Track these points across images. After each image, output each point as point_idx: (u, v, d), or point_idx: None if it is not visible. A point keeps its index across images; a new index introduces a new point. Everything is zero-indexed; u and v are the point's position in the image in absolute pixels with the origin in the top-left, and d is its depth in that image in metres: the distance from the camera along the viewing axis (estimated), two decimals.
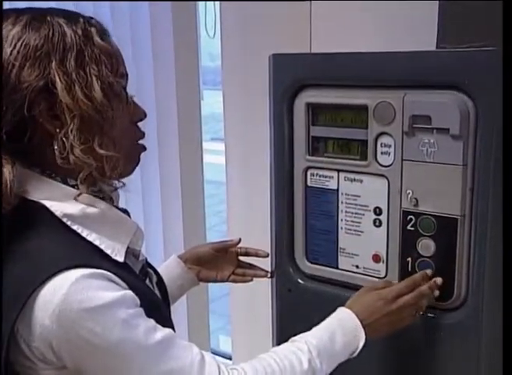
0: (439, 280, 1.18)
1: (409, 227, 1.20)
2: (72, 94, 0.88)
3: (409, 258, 1.21)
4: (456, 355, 1.20)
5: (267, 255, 1.41)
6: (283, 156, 1.35)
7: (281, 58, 1.32)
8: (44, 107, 0.88)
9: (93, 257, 0.90)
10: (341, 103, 1.25)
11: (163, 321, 0.94)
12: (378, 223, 1.24)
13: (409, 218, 1.20)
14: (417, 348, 1.23)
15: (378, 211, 1.24)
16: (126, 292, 0.89)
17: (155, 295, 1.06)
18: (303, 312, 1.37)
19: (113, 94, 0.92)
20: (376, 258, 1.26)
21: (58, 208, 0.90)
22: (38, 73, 0.87)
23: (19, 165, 0.90)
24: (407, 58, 1.16)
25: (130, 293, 0.89)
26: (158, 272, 1.17)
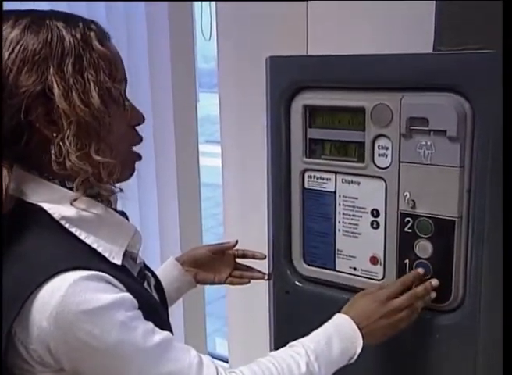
0: (435, 282, 1.18)
1: (406, 229, 1.20)
2: (69, 100, 0.87)
3: (406, 260, 1.21)
4: (453, 357, 1.20)
5: (264, 257, 1.41)
6: (280, 158, 1.34)
7: (278, 61, 1.32)
8: (41, 112, 0.88)
9: (91, 259, 0.90)
10: (338, 105, 1.25)
11: (161, 324, 0.94)
12: (375, 225, 1.24)
13: (406, 220, 1.20)
14: (414, 349, 1.23)
15: (375, 213, 1.24)
16: (125, 294, 0.88)
17: (153, 298, 1.06)
18: (300, 314, 1.37)
19: (111, 100, 0.92)
20: (374, 260, 1.26)
21: (56, 211, 0.90)
22: (36, 78, 0.87)
23: (17, 167, 0.90)
24: (404, 60, 1.16)
25: (129, 295, 0.89)
26: (156, 275, 1.17)
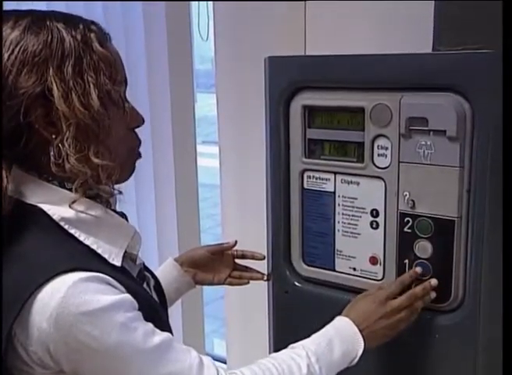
0: (434, 282, 1.18)
1: (406, 229, 1.20)
2: (68, 102, 0.87)
3: (406, 261, 1.21)
4: (453, 357, 1.20)
5: (263, 258, 1.40)
6: (280, 159, 1.34)
7: (277, 61, 1.32)
8: (40, 113, 0.87)
9: (91, 260, 0.89)
10: (337, 105, 1.25)
11: (161, 325, 0.94)
12: (375, 225, 1.24)
13: (406, 220, 1.20)
14: (414, 349, 1.23)
15: (375, 213, 1.24)
16: (125, 296, 0.88)
17: (153, 299, 1.06)
18: (299, 314, 1.36)
19: (110, 102, 0.91)
20: (373, 260, 1.26)
21: (56, 212, 0.90)
22: (35, 79, 0.86)
23: (16, 168, 0.89)
24: (403, 60, 1.16)
25: (129, 296, 0.89)
26: (156, 276, 1.17)
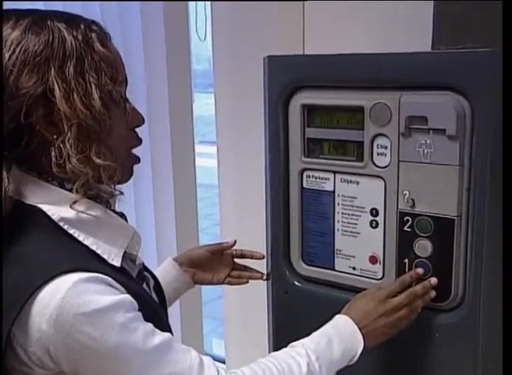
0: (434, 280, 1.18)
1: (406, 228, 1.20)
2: (70, 102, 0.86)
3: (406, 260, 1.21)
4: (453, 356, 1.20)
5: (262, 257, 1.40)
6: (279, 158, 1.34)
7: (276, 60, 1.32)
8: (41, 114, 0.87)
9: (90, 261, 0.89)
10: (337, 104, 1.25)
11: (161, 325, 0.93)
12: (374, 224, 1.24)
13: (406, 219, 1.19)
14: (414, 348, 1.23)
15: (374, 212, 1.24)
16: (125, 296, 0.88)
17: (153, 299, 1.05)
18: (299, 314, 1.36)
19: (112, 102, 0.91)
20: (373, 259, 1.26)
21: (55, 213, 0.89)
22: (36, 79, 0.85)
23: (16, 169, 0.89)
24: (402, 59, 1.16)
25: (128, 297, 0.88)
26: (155, 276, 1.17)
